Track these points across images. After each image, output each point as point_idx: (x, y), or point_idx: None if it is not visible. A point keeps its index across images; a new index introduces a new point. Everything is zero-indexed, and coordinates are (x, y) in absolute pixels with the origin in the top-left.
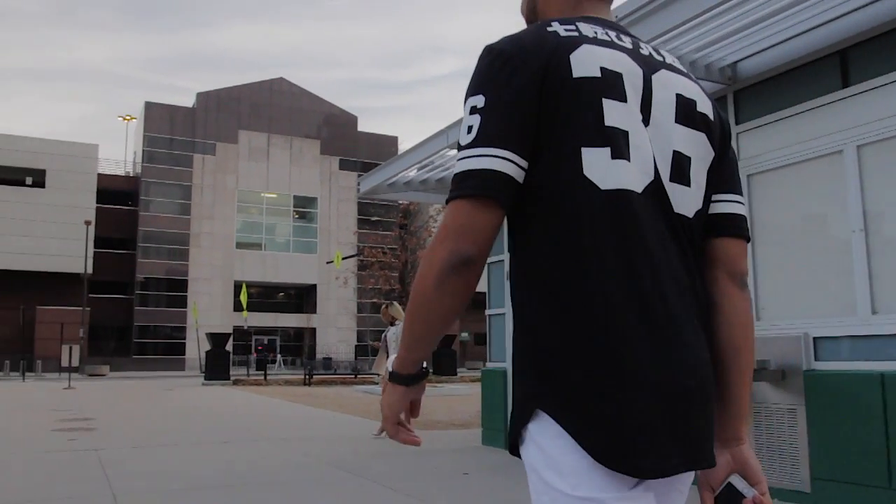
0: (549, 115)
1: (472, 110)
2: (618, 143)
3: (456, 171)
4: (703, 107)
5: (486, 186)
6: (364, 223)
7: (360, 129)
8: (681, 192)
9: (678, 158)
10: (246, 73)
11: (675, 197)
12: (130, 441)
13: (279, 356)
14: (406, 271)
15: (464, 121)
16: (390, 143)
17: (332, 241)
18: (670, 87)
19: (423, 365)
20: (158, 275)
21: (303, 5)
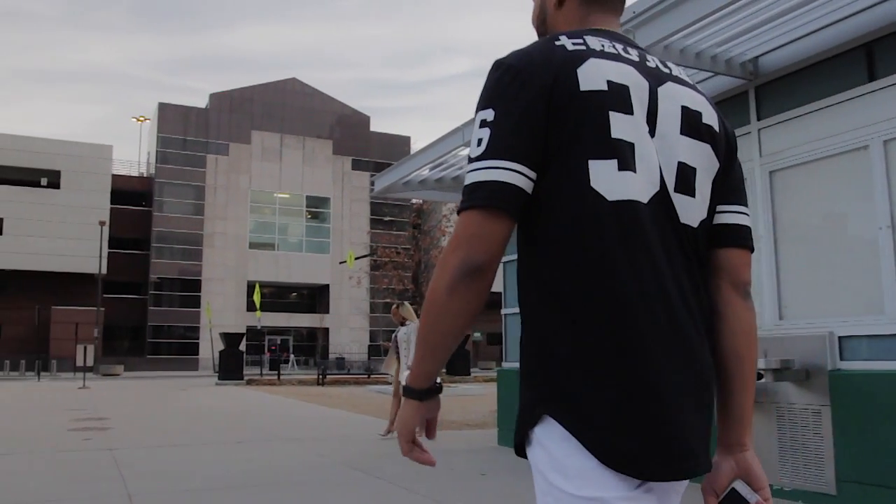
0: (558, 127)
1: (482, 123)
2: (624, 155)
3: (466, 183)
4: (709, 118)
5: (495, 197)
6: (377, 223)
7: (373, 129)
8: (686, 203)
9: (683, 169)
10: (258, 74)
11: (680, 207)
12: (145, 441)
13: (292, 356)
14: (420, 271)
15: (474, 134)
16: (403, 142)
17: (345, 241)
18: (676, 100)
19: (438, 380)
20: (172, 275)
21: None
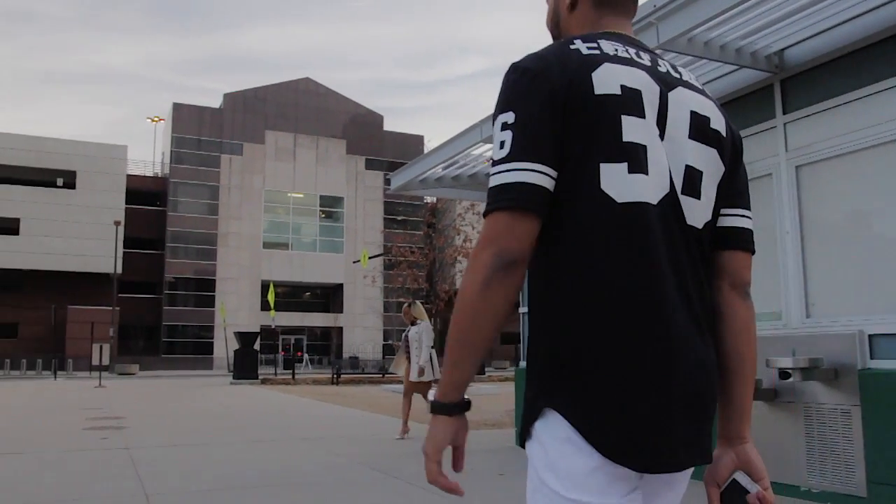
0: (572, 130)
1: (504, 126)
2: (635, 158)
3: (491, 186)
4: (717, 124)
5: (522, 198)
6: (391, 222)
7: (386, 129)
8: (692, 205)
9: (690, 172)
10: (272, 74)
11: (686, 209)
12: (161, 440)
13: (305, 355)
14: (434, 270)
15: (495, 136)
16: (416, 142)
17: (359, 241)
18: (686, 105)
19: (466, 396)
20: (187, 274)
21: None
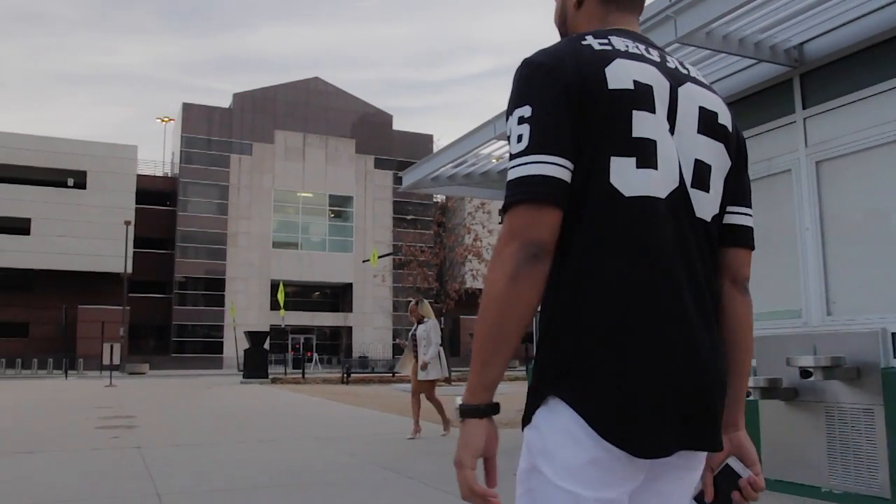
0: (586, 124)
1: (520, 120)
2: (645, 153)
3: (510, 179)
4: (724, 119)
5: (542, 191)
6: (400, 221)
7: (395, 128)
8: (701, 198)
9: (699, 166)
10: (281, 74)
11: (696, 202)
12: (173, 439)
13: (315, 355)
14: (444, 269)
15: (512, 130)
16: (425, 141)
17: (368, 240)
18: (694, 100)
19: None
20: (196, 274)
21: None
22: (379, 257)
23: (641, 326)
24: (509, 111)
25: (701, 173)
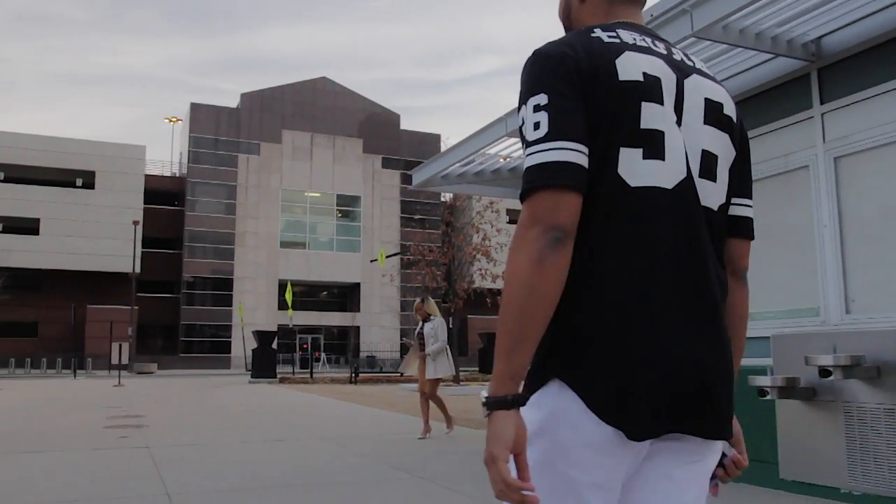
0: (597, 114)
1: (536, 108)
2: (652, 144)
3: (529, 166)
4: (728, 110)
5: (565, 176)
6: (408, 221)
7: (403, 128)
8: (709, 188)
9: (707, 156)
10: (289, 74)
11: (703, 192)
12: (181, 439)
13: (323, 354)
14: (452, 268)
15: (528, 118)
16: (433, 140)
17: (376, 240)
18: (700, 91)
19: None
20: (204, 274)
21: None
22: (387, 257)
23: (641, 315)
24: (522, 101)
25: (708, 163)
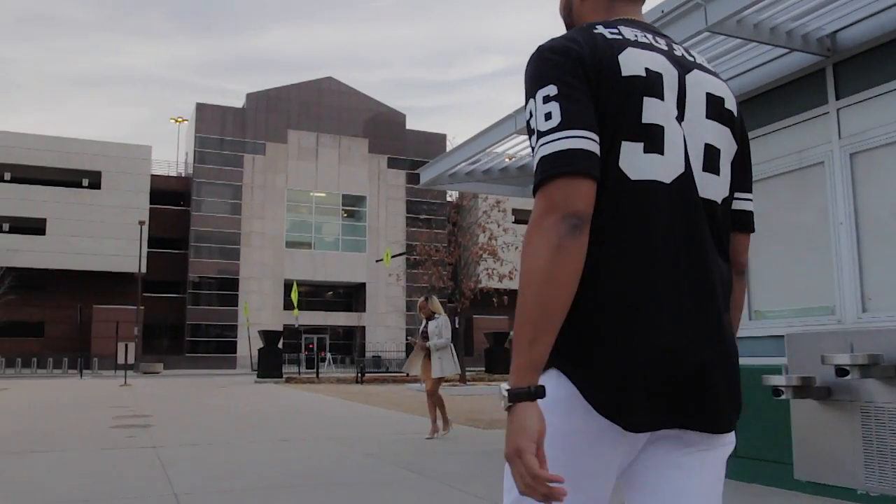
0: (601, 109)
1: (546, 99)
2: (652, 139)
3: (543, 155)
4: (730, 104)
5: (580, 164)
6: (413, 221)
7: (408, 128)
8: (712, 181)
9: (710, 150)
10: (294, 74)
11: (706, 185)
12: (188, 439)
13: (328, 354)
14: (459, 268)
15: (538, 110)
16: (439, 140)
17: (381, 240)
18: (702, 86)
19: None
20: (210, 274)
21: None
22: (392, 257)
23: (639, 308)
24: (531, 94)
25: (711, 157)
